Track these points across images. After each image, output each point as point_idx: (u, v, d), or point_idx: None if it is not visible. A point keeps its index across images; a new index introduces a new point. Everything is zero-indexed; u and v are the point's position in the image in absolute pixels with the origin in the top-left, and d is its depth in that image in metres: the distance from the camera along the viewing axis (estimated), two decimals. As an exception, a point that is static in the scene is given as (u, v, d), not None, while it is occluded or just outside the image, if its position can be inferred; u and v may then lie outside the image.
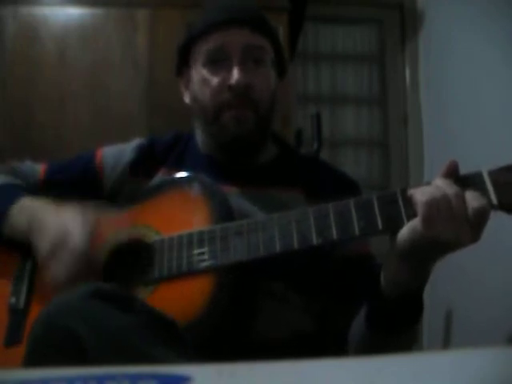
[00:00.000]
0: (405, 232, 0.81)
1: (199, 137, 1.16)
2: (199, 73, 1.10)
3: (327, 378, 0.47)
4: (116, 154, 1.16)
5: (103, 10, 2.12)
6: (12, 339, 0.96)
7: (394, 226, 0.83)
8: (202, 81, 1.09)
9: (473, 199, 0.78)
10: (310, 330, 1.00)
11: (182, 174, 1.08)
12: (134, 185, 1.13)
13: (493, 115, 2.10)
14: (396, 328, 0.89)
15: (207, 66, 1.09)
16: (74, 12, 2.11)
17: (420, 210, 0.78)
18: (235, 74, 1.05)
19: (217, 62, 1.08)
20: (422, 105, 2.77)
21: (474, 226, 0.78)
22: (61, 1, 2.12)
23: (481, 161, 0.83)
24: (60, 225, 0.95)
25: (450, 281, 2.06)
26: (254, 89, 1.07)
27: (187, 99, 1.17)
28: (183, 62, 1.15)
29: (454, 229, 0.77)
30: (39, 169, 1.18)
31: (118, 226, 1.04)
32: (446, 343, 2.23)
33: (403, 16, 2.89)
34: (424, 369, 0.48)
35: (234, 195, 1.05)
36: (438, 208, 0.78)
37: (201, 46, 1.10)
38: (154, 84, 2.08)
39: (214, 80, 1.07)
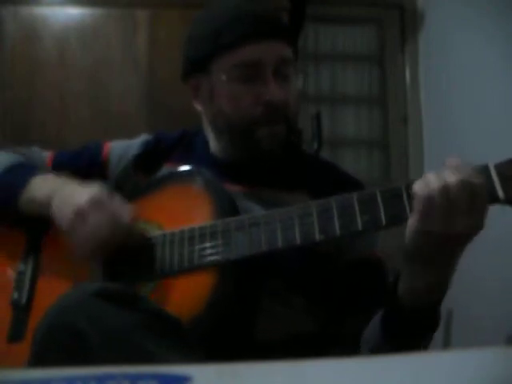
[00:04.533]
0: (407, 233, 0.81)
1: (211, 140, 1.13)
2: (226, 85, 1.04)
3: (327, 378, 0.47)
4: (122, 149, 1.16)
5: (103, 10, 2.12)
6: (14, 335, 0.96)
7: (397, 221, 0.82)
8: (231, 95, 1.04)
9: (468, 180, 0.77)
10: (311, 331, 1.00)
11: (184, 168, 1.07)
12: (138, 180, 1.12)
13: (493, 115, 2.10)
14: (412, 336, 0.88)
15: (239, 80, 1.03)
16: (74, 12, 2.11)
17: (416, 204, 0.78)
18: (274, 90, 1.01)
19: (250, 76, 1.03)
20: (422, 105, 2.77)
21: (473, 211, 0.77)
22: (61, 1, 2.12)
23: (481, 160, 0.83)
24: (92, 191, 0.95)
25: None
26: (289, 105, 1.04)
27: (201, 107, 1.11)
28: (198, 69, 1.08)
29: (450, 219, 0.76)
30: (46, 157, 1.18)
31: None
32: (446, 343, 2.23)
33: (403, 16, 2.88)
34: (424, 369, 0.48)
35: (239, 195, 1.04)
36: (434, 201, 0.77)
37: (229, 58, 1.03)
38: (154, 84, 2.08)
39: (248, 95, 1.03)
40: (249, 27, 1.03)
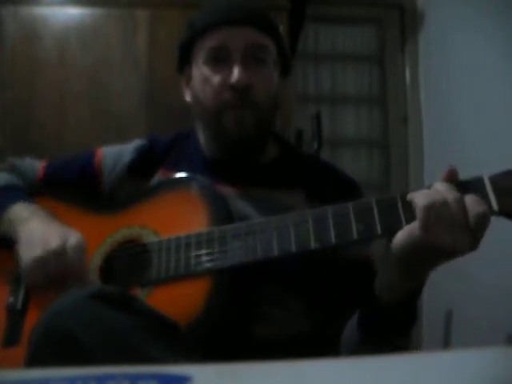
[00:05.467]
0: (402, 236, 0.80)
1: (200, 136, 1.15)
2: (200, 71, 1.08)
3: (327, 378, 0.47)
4: (115, 154, 1.16)
5: (103, 10, 2.12)
6: (9, 340, 0.96)
7: (393, 230, 0.82)
8: (202, 79, 1.07)
9: (473, 204, 0.77)
10: (309, 333, 0.99)
11: (180, 175, 1.07)
12: (133, 185, 1.12)
13: (493, 115, 2.10)
14: (387, 335, 0.89)
15: (208, 64, 1.07)
16: (74, 12, 2.11)
17: (419, 214, 0.77)
18: (236, 73, 1.03)
19: (218, 61, 1.06)
20: (422, 105, 2.77)
21: (474, 232, 0.77)
22: (61, 1, 2.12)
23: (481, 160, 0.83)
24: (58, 234, 0.95)
25: (450, 281, 2.06)
26: (255, 89, 1.05)
27: (188, 97, 1.15)
28: (184, 59, 1.13)
29: (453, 235, 0.76)
30: (39, 166, 1.17)
31: (116, 226, 1.04)
32: (446, 343, 2.23)
33: (403, 16, 2.89)
34: (424, 369, 0.48)
35: (233, 196, 1.04)
36: (437, 213, 0.77)
37: (202, 44, 1.08)
38: (153, 84, 2.08)
39: (215, 79, 1.05)
40: (218, 14, 1.08)
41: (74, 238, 0.94)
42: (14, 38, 2.06)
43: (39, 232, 0.96)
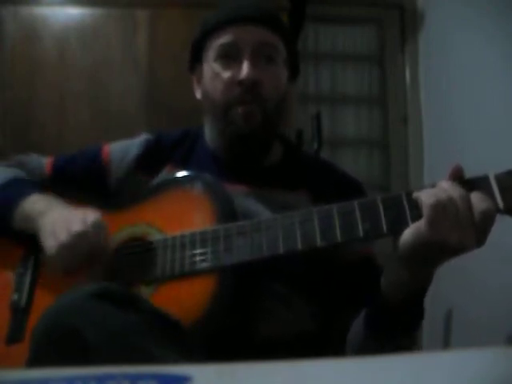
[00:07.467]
0: (408, 233, 0.81)
1: (208, 134, 1.15)
2: (211, 67, 1.10)
3: (327, 378, 0.47)
4: (122, 149, 1.16)
5: (103, 10, 2.12)
6: (14, 337, 0.96)
7: (398, 228, 0.83)
8: (213, 75, 1.09)
9: (478, 201, 0.78)
10: (311, 331, 1.00)
11: (185, 173, 1.08)
12: (139, 180, 1.12)
13: (493, 115, 2.10)
14: (392, 334, 0.89)
15: (219, 61, 1.09)
16: (74, 12, 2.11)
17: (425, 211, 0.78)
18: (245, 69, 1.05)
19: (228, 58, 1.08)
20: (422, 105, 2.77)
21: (480, 229, 0.77)
22: (61, 1, 2.12)
23: (481, 160, 0.83)
24: (76, 219, 0.95)
25: (450, 280, 2.06)
26: (263, 85, 1.06)
27: (199, 95, 1.17)
28: (196, 58, 1.16)
29: (459, 232, 0.77)
30: (45, 163, 1.18)
31: (122, 224, 1.04)
32: (446, 343, 2.23)
33: (403, 16, 2.88)
34: (424, 369, 0.48)
35: (241, 195, 1.04)
36: (443, 210, 0.77)
37: (213, 41, 1.10)
38: (154, 84, 2.08)
39: (225, 75, 1.07)
40: (229, 13, 1.10)
41: (92, 216, 0.95)
42: (14, 37, 2.07)
43: (60, 220, 0.96)
